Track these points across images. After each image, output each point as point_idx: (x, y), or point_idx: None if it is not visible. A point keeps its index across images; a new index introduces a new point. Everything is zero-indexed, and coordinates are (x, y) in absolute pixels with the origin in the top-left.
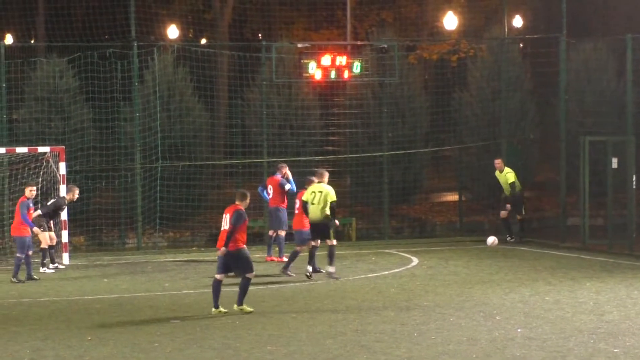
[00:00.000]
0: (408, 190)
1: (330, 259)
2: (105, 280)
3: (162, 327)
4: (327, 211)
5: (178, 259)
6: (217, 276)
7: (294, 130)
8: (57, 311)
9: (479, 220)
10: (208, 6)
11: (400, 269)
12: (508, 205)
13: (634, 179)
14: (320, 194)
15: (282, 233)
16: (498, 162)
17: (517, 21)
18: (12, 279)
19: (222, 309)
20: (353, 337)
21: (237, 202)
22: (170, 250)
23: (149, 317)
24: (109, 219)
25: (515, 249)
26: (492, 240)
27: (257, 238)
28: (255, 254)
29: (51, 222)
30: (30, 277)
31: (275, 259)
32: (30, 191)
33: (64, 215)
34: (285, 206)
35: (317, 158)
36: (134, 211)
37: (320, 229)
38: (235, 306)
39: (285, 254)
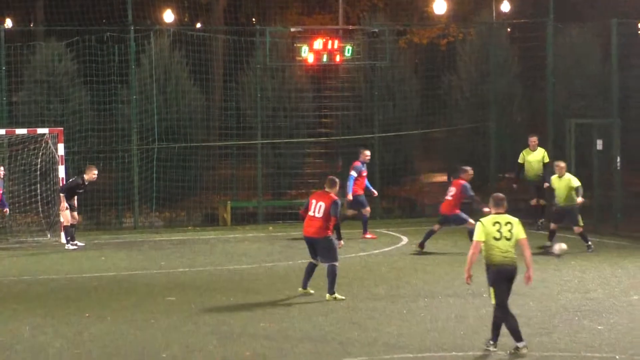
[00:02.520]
0: (398, 172)
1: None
2: (103, 258)
3: (159, 305)
4: None
5: (174, 238)
6: (314, 261)
7: (287, 112)
8: (56, 289)
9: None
10: None
11: (390, 248)
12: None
13: (619, 160)
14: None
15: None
16: (560, 165)
17: (505, 6)
18: None
19: (309, 290)
20: (344, 314)
21: (328, 190)
22: (166, 230)
23: (145, 295)
24: (106, 199)
25: None
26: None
27: (251, 217)
28: (250, 233)
29: (64, 200)
30: None
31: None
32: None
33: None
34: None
35: (309, 140)
36: (131, 191)
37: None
38: (327, 296)
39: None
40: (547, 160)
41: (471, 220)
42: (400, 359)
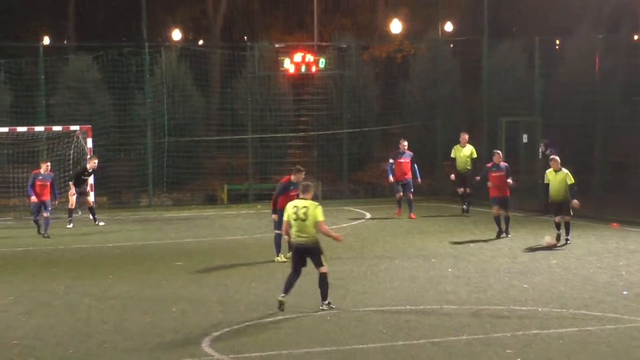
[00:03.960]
0: (363, 160)
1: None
2: (123, 231)
3: (169, 269)
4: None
5: (181, 214)
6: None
7: (272, 112)
8: (85, 256)
9: (418, 185)
10: (204, 14)
11: (356, 222)
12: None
13: (540, 151)
14: None
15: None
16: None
17: (449, 26)
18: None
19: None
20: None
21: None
22: (174, 208)
23: (158, 261)
24: (126, 183)
25: (447, 207)
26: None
27: (243, 198)
28: (242, 210)
29: (73, 187)
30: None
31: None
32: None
33: (91, 180)
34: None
35: (290, 135)
36: (146, 177)
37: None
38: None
39: None
40: (475, 155)
41: None
42: (365, 312)
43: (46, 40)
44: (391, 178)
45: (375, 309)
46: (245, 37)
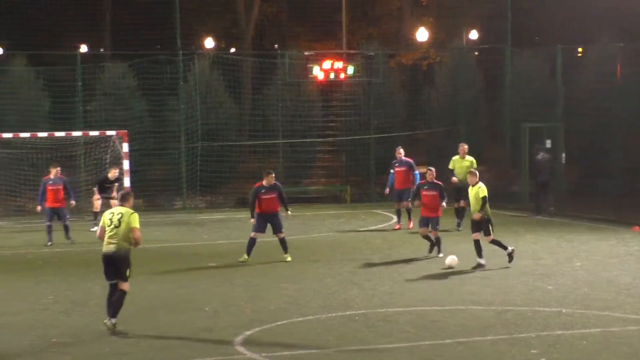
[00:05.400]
0: (389, 164)
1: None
2: (158, 232)
3: (201, 269)
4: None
5: (214, 217)
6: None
7: (302, 118)
8: None
9: (445, 187)
10: (236, 23)
11: (384, 225)
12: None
13: (563, 155)
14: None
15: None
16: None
17: (473, 34)
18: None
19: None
20: (348, 277)
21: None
22: (207, 210)
23: (191, 261)
24: (160, 186)
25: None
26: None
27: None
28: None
29: (97, 192)
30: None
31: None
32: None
33: (126, 183)
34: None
35: (319, 140)
36: (180, 180)
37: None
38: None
39: None
40: (475, 166)
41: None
42: (392, 312)
43: (83, 49)
44: (387, 190)
45: (403, 309)
46: (276, 45)
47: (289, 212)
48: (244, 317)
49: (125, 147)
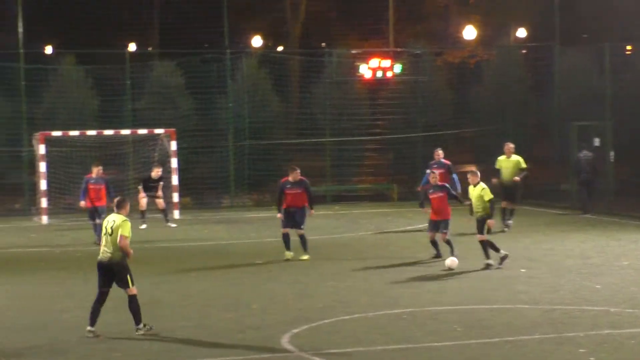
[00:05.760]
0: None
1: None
2: (206, 231)
3: (248, 267)
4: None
5: (261, 215)
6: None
7: (349, 116)
8: (169, 254)
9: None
10: (284, 21)
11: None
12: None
13: (612, 154)
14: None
15: None
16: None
17: (521, 32)
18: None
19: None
20: (395, 275)
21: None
22: (255, 208)
23: (238, 259)
24: (208, 184)
25: (519, 209)
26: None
27: (321, 199)
28: (320, 212)
29: (142, 191)
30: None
31: None
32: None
33: (174, 181)
34: None
35: (366, 138)
36: (228, 178)
37: None
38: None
39: None
40: (523, 166)
41: None
42: (440, 311)
43: (132, 47)
44: (419, 188)
45: (450, 308)
46: (323, 44)
47: (313, 211)
48: (291, 315)
49: (173, 146)
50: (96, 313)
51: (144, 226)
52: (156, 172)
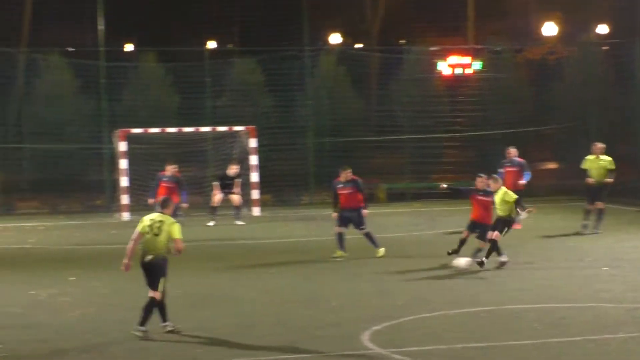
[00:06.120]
0: None
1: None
2: (286, 228)
3: (327, 263)
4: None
5: None
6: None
7: (428, 113)
8: (248, 251)
9: (573, 184)
10: (362, 18)
11: None
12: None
13: None
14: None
15: None
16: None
17: (602, 28)
18: None
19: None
20: (475, 273)
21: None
22: None
23: (317, 256)
24: (287, 182)
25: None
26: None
27: (401, 196)
28: (400, 209)
29: (218, 188)
30: None
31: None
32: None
33: (254, 178)
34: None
35: (445, 135)
36: (307, 175)
37: None
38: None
39: None
40: (612, 167)
41: None
42: (520, 309)
43: (211, 45)
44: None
45: (530, 306)
46: (402, 40)
47: (366, 211)
48: (371, 312)
49: (253, 143)
50: (163, 310)
51: (211, 223)
52: (233, 170)
